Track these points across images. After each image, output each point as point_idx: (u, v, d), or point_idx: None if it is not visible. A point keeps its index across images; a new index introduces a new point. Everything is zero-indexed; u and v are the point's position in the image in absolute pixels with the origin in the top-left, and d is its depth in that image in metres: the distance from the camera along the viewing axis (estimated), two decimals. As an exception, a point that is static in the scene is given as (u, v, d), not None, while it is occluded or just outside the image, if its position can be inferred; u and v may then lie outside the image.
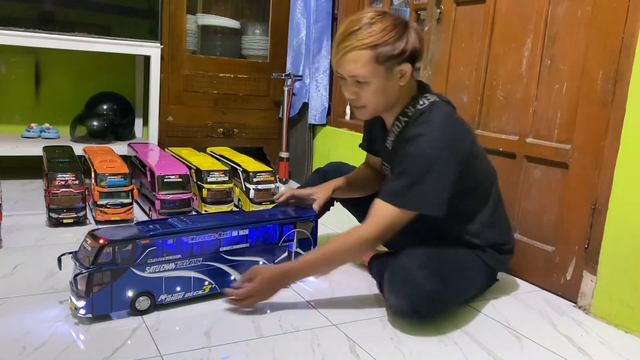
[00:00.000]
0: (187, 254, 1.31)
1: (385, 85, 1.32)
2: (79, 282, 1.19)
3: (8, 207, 1.98)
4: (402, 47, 1.28)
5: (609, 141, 1.43)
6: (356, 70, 1.29)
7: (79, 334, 1.17)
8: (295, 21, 2.81)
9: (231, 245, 1.39)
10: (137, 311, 1.26)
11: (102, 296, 1.20)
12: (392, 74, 1.31)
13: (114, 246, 1.20)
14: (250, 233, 1.42)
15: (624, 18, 1.40)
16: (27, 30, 2.32)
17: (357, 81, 1.31)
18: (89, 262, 1.19)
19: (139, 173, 2.19)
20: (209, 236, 1.35)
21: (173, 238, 1.29)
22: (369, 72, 1.28)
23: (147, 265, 1.25)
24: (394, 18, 1.30)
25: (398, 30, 1.28)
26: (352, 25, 1.29)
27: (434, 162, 1.27)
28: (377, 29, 1.27)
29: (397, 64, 1.29)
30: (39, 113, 2.78)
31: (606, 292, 1.44)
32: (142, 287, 1.26)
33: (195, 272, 1.34)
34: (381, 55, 1.27)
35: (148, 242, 1.25)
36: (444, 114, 1.34)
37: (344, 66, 1.31)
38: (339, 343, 1.22)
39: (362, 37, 1.26)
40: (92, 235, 1.23)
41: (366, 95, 1.33)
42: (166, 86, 2.66)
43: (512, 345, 1.28)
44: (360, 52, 1.27)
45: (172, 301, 1.31)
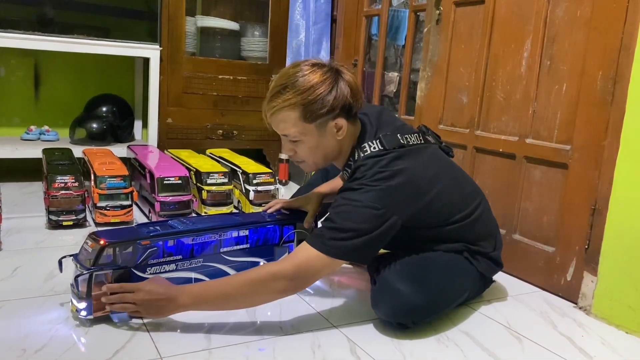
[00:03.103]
0: (187, 255, 1.32)
1: (319, 142, 1.28)
2: (80, 283, 1.19)
3: (7, 209, 1.97)
4: (330, 102, 1.23)
5: (609, 141, 1.43)
6: (287, 130, 1.26)
7: (79, 336, 1.16)
8: (295, 23, 2.81)
9: (231, 246, 1.39)
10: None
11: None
12: (324, 130, 1.26)
13: (114, 247, 1.20)
14: (251, 234, 1.42)
15: (623, 18, 1.40)
16: (27, 32, 2.32)
17: (291, 140, 1.29)
18: (90, 264, 1.19)
19: (139, 175, 2.19)
20: (209, 237, 1.35)
21: (174, 239, 1.29)
22: (300, 131, 1.25)
23: (147, 267, 1.25)
24: (324, 71, 1.24)
25: (327, 84, 1.23)
26: (280, 81, 1.25)
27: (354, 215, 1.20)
28: (304, 86, 1.22)
29: (328, 120, 1.25)
30: (38, 115, 2.78)
31: (607, 293, 1.44)
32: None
33: (195, 273, 1.34)
34: (310, 113, 1.23)
35: (149, 243, 1.25)
36: (374, 171, 1.24)
37: (275, 125, 1.28)
38: (340, 345, 1.22)
39: (289, 97, 1.22)
40: (93, 236, 1.23)
41: (302, 153, 1.31)
42: (165, 88, 2.66)
43: (512, 346, 1.28)
44: (288, 112, 1.23)
45: None
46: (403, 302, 1.26)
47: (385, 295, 1.28)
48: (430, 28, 2.09)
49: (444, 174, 1.36)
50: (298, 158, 1.34)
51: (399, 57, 2.81)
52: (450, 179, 1.39)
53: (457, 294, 1.39)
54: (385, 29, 2.59)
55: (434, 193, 1.30)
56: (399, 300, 1.26)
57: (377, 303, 1.30)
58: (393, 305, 1.27)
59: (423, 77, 2.12)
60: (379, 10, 2.62)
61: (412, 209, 1.27)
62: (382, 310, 1.30)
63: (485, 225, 1.44)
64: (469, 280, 1.41)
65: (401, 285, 1.26)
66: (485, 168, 1.86)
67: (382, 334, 1.29)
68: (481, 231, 1.43)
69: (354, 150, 1.33)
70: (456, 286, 1.38)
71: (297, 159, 1.35)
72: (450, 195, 1.35)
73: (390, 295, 1.27)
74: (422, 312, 1.29)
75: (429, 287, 1.30)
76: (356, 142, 1.33)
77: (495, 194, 1.77)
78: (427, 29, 2.11)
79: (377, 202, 1.21)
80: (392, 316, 1.28)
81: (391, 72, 2.71)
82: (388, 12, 2.57)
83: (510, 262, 1.66)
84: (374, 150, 1.29)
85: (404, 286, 1.26)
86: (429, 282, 1.30)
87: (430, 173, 1.32)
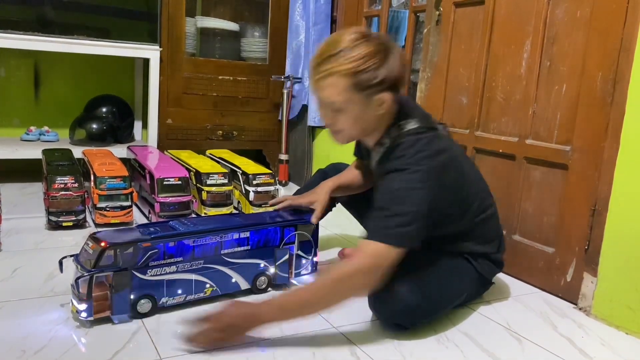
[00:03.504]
0: (188, 256, 1.31)
1: (362, 113, 1.25)
2: (81, 285, 1.19)
3: (7, 210, 1.97)
4: (382, 75, 1.20)
5: (609, 142, 1.43)
6: (332, 97, 1.22)
7: (79, 337, 1.16)
8: (295, 23, 2.81)
9: (232, 248, 1.39)
10: (139, 314, 1.25)
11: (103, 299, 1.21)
12: (370, 102, 1.23)
13: (115, 249, 1.20)
14: (252, 235, 1.42)
15: (623, 19, 1.40)
16: (27, 33, 2.32)
17: (332, 108, 1.26)
18: (91, 265, 1.19)
19: (139, 176, 2.19)
20: (210, 239, 1.34)
21: (174, 241, 1.28)
22: (346, 99, 1.22)
23: (148, 268, 1.25)
24: (376, 42, 1.21)
25: (380, 57, 1.20)
26: (331, 47, 1.21)
27: (408, 199, 1.20)
28: (357, 55, 1.18)
29: (376, 92, 1.22)
30: (38, 116, 2.78)
31: (607, 294, 1.44)
32: (143, 290, 1.25)
33: (196, 274, 1.33)
34: (360, 84, 1.19)
35: (150, 245, 1.24)
36: (416, 149, 1.25)
37: (321, 91, 1.24)
38: (339, 346, 1.22)
39: (340, 63, 1.18)
40: (94, 238, 1.23)
41: (342, 122, 1.28)
42: (165, 89, 2.66)
43: (512, 347, 1.28)
44: (337, 78, 1.19)
45: (174, 304, 1.31)
46: (401, 304, 1.26)
47: (383, 296, 1.28)
48: (430, 29, 2.09)
49: (470, 165, 1.43)
50: (335, 128, 1.30)
51: (399, 57, 2.81)
52: (475, 172, 1.45)
53: (455, 295, 1.39)
54: (385, 30, 2.59)
55: (465, 180, 1.36)
56: (397, 302, 1.26)
57: (375, 304, 1.31)
58: (391, 306, 1.27)
59: (423, 78, 2.12)
60: (379, 11, 2.62)
61: (448, 191, 1.28)
62: (380, 311, 1.30)
63: (495, 225, 1.47)
64: (467, 281, 1.41)
65: (399, 286, 1.26)
66: (485, 169, 1.85)
67: (382, 335, 1.29)
68: (491, 231, 1.45)
69: (389, 127, 1.31)
70: (454, 288, 1.38)
71: (334, 129, 1.31)
72: (475, 187, 1.40)
73: (388, 297, 1.27)
74: (420, 314, 1.29)
75: (427, 288, 1.30)
76: (393, 120, 1.31)
77: (496, 195, 1.76)
78: (427, 30, 2.11)
79: (425, 182, 1.21)
80: (390, 317, 1.29)
81: (391, 73, 2.70)
82: (388, 12, 2.57)
83: (510, 262, 1.66)
84: (413, 128, 1.29)
85: (402, 288, 1.26)
86: (427, 284, 1.30)
87: (463, 160, 1.38)
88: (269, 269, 1.46)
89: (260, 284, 1.45)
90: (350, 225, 2.17)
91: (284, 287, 1.50)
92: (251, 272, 1.43)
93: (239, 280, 1.41)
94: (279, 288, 1.48)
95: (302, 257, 1.55)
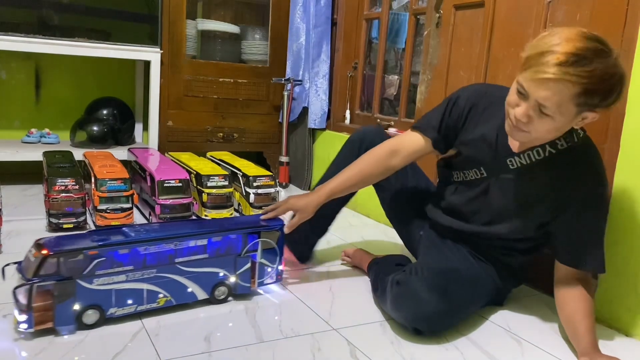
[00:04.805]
0: (139, 265, 1.24)
1: (563, 125, 1.15)
2: (21, 294, 1.12)
3: (8, 212, 1.98)
4: (609, 100, 1.09)
5: (609, 144, 1.43)
6: (548, 102, 1.09)
7: (78, 339, 1.16)
8: (295, 26, 2.82)
9: (188, 256, 1.31)
10: (85, 325, 1.19)
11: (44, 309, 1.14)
12: (577, 117, 1.13)
13: (58, 257, 1.13)
14: (210, 243, 1.34)
15: (623, 22, 1.40)
16: (27, 35, 2.33)
17: (540, 110, 1.11)
18: (31, 274, 1.12)
19: (139, 178, 2.19)
20: (163, 247, 1.27)
21: (124, 249, 1.21)
22: (560, 109, 1.09)
23: (95, 277, 1.18)
24: (616, 63, 1.07)
25: (615, 82, 1.07)
26: (570, 49, 1.05)
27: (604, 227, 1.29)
28: (599, 72, 1.05)
29: (589, 110, 1.11)
30: (39, 118, 2.78)
31: (606, 296, 1.43)
32: (89, 300, 1.19)
33: (148, 284, 1.26)
34: (584, 101, 1.08)
35: (96, 253, 1.17)
36: (600, 159, 1.28)
37: (539, 89, 1.08)
38: (339, 348, 1.22)
39: (578, 74, 1.04)
40: (37, 244, 1.16)
41: (539, 127, 1.14)
42: (166, 91, 2.67)
43: (513, 349, 1.28)
44: (567, 85, 1.05)
45: (124, 314, 1.25)
46: (425, 310, 1.25)
47: (409, 300, 1.27)
48: (430, 31, 2.09)
49: None
50: (525, 127, 1.16)
51: (399, 60, 2.82)
52: None
53: (474, 307, 1.42)
54: (386, 32, 2.60)
55: None
56: (421, 307, 1.26)
57: (398, 306, 1.30)
58: (415, 311, 1.27)
59: (423, 80, 2.12)
60: (379, 14, 2.63)
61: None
62: (402, 313, 1.29)
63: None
64: (487, 295, 1.44)
65: (426, 293, 1.26)
66: (485, 171, 1.86)
67: (382, 336, 1.29)
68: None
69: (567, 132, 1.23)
70: (475, 300, 1.40)
71: (524, 127, 1.16)
72: None
73: (413, 301, 1.26)
74: (441, 321, 1.30)
75: (452, 298, 1.29)
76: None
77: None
78: (427, 32, 2.11)
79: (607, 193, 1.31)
80: (412, 321, 1.28)
81: (391, 75, 2.71)
82: (388, 15, 2.57)
83: (511, 265, 1.66)
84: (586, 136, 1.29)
85: (428, 294, 1.26)
86: (452, 293, 1.29)
87: None
88: (229, 278, 1.39)
89: (219, 294, 1.38)
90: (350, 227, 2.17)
91: (245, 297, 1.43)
92: (209, 281, 1.36)
93: (195, 290, 1.34)
94: (240, 298, 1.42)
95: (266, 266, 1.46)
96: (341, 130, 2.77)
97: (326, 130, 2.85)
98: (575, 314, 1.25)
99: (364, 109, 2.80)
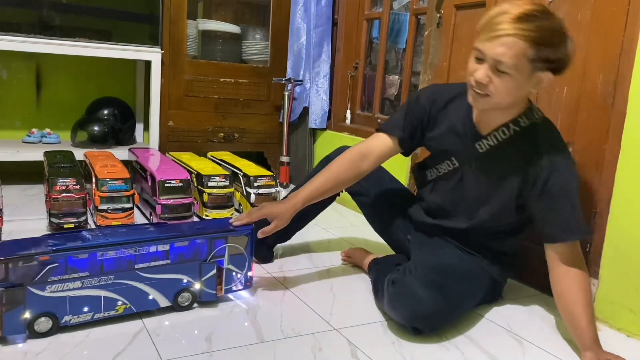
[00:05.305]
0: (96, 271, 1.19)
1: (521, 85, 1.21)
2: None
3: (9, 212, 1.98)
4: (560, 55, 1.19)
5: (610, 145, 1.43)
6: (504, 57, 1.17)
7: (79, 339, 1.16)
8: (296, 26, 2.82)
9: (149, 262, 1.26)
10: (37, 333, 1.15)
11: None
12: (532, 77, 1.21)
13: (6, 263, 1.09)
14: (172, 248, 1.29)
15: (624, 22, 1.40)
16: (28, 35, 2.33)
17: (498, 67, 1.19)
18: None
19: (140, 178, 2.19)
20: (121, 252, 1.22)
21: (79, 254, 1.17)
22: (516, 65, 1.17)
23: (47, 284, 1.14)
24: (561, 23, 1.20)
25: (561, 36, 1.19)
26: (520, 10, 1.17)
27: (577, 187, 1.29)
28: (546, 26, 1.16)
29: (543, 69, 1.20)
30: (40, 118, 2.79)
31: (608, 296, 1.43)
32: (41, 308, 1.14)
33: (106, 291, 1.21)
34: (539, 54, 1.17)
35: (48, 259, 1.13)
36: (559, 134, 1.34)
37: (494, 47, 1.17)
38: (340, 348, 1.22)
39: (528, 28, 1.15)
40: None
41: (499, 86, 1.21)
42: (167, 91, 2.67)
43: (513, 349, 1.28)
44: (519, 41, 1.15)
45: (79, 322, 1.20)
46: (422, 308, 1.26)
47: (406, 299, 1.28)
48: (431, 31, 2.09)
49: None
50: (486, 90, 1.22)
51: (400, 60, 2.82)
52: None
53: (472, 302, 1.42)
54: (386, 32, 2.60)
55: None
56: (419, 305, 1.26)
57: (396, 306, 1.30)
58: (412, 309, 1.27)
59: (424, 80, 2.12)
60: (380, 14, 2.63)
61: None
62: (399, 313, 1.30)
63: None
64: (483, 289, 1.44)
65: (422, 290, 1.26)
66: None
67: (383, 336, 1.29)
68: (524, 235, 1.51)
69: (527, 110, 1.31)
70: (472, 295, 1.40)
71: (484, 90, 1.23)
72: None
73: (410, 300, 1.27)
74: (440, 318, 1.30)
75: (449, 294, 1.30)
76: (529, 104, 1.33)
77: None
78: (427, 32, 2.11)
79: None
80: (410, 320, 1.28)
81: (392, 75, 2.71)
82: (389, 15, 2.57)
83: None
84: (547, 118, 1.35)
85: (425, 292, 1.26)
86: (449, 290, 1.30)
87: None
88: (194, 285, 1.33)
89: (182, 300, 1.32)
90: (351, 227, 2.17)
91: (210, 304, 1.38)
92: (172, 288, 1.30)
93: (157, 297, 1.29)
94: (204, 305, 1.37)
95: (233, 272, 1.40)
96: (342, 130, 2.77)
97: (327, 130, 2.86)
98: (574, 305, 1.25)
99: (364, 109, 2.80)
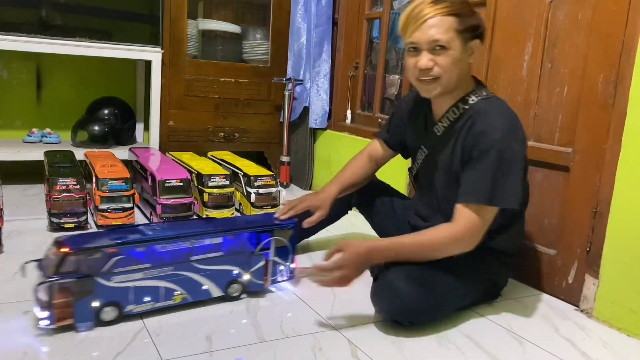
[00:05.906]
0: (156, 262, 1.26)
1: (460, 57, 1.30)
2: (42, 291, 1.14)
3: (9, 212, 1.97)
4: (477, 20, 1.32)
5: (610, 144, 1.43)
6: (438, 35, 1.27)
7: (79, 339, 1.16)
8: (296, 26, 2.82)
9: (204, 254, 1.34)
10: (103, 322, 1.21)
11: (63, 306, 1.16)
12: (466, 48, 1.31)
13: (78, 255, 1.16)
14: (225, 241, 1.37)
15: (625, 21, 1.40)
16: (29, 35, 2.33)
17: (436, 48, 1.28)
18: (52, 271, 1.14)
19: (140, 177, 2.19)
20: (180, 245, 1.29)
21: (142, 247, 1.24)
22: (450, 38, 1.28)
23: (113, 275, 1.21)
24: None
25: (471, 5, 1.33)
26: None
27: (510, 158, 1.28)
28: (457, 0, 1.29)
29: (471, 38, 1.31)
30: (40, 118, 2.79)
31: (608, 296, 1.43)
32: (108, 298, 1.21)
33: (165, 281, 1.28)
34: (462, 24, 1.28)
35: (115, 251, 1.20)
36: (508, 110, 1.36)
37: (424, 32, 1.28)
38: (341, 347, 1.22)
39: (446, 5, 1.27)
40: (57, 242, 1.19)
41: (444, 63, 1.29)
42: (167, 91, 2.67)
43: (514, 349, 1.28)
44: (443, 17, 1.27)
45: (141, 311, 1.27)
46: (402, 302, 1.27)
47: (386, 292, 1.29)
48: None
49: None
50: (435, 72, 1.31)
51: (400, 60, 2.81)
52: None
53: (458, 298, 1.40)
54: (387, 32, 2.59)
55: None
56: (399, 299, 1.27)
57: (377, 298, 1.32)
58: (392, 303, 1.29)
59: (424, 80, 2.12)
60: (380, 13, 2.63)
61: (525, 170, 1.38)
62: (380, 305, 1.32)
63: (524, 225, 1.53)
64: (472, 286, 1.42)
65: (403, 284, 1.27)
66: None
67: (384, 336, 1.29)
68: (522, 231, 1.53)
69: (474, 88, 1.39)
70: (459, 291, 1.39)
71: (432, 74, 1.31)
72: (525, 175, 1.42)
73: (390, 293, 1.28)
74: (420, 314, 1.31)
75: (431, 290, 1.30)
76: (476, 83, 1.40)
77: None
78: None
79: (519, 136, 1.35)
80: (390, 313, 1.30)
81: (392, 75, 2.71)
82: (389, 15, 2.57)
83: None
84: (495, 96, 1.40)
85: (406, 286, 1.27)
86: (431, 285, 1.30)
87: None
88: (243, 276, 1.41)
89: (233, 291, 1.40)
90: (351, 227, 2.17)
91: (259, 294, 1.45)
92: (224, 278, 1.38)
93: (210, 287, 1.36)
94: (253, 295, 1.44)
95: (278, 264, 1.48)
96: (342, 130, 2.77)
97: (327, 130, 2.85)
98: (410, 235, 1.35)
99: (364, 108, 2.80)
